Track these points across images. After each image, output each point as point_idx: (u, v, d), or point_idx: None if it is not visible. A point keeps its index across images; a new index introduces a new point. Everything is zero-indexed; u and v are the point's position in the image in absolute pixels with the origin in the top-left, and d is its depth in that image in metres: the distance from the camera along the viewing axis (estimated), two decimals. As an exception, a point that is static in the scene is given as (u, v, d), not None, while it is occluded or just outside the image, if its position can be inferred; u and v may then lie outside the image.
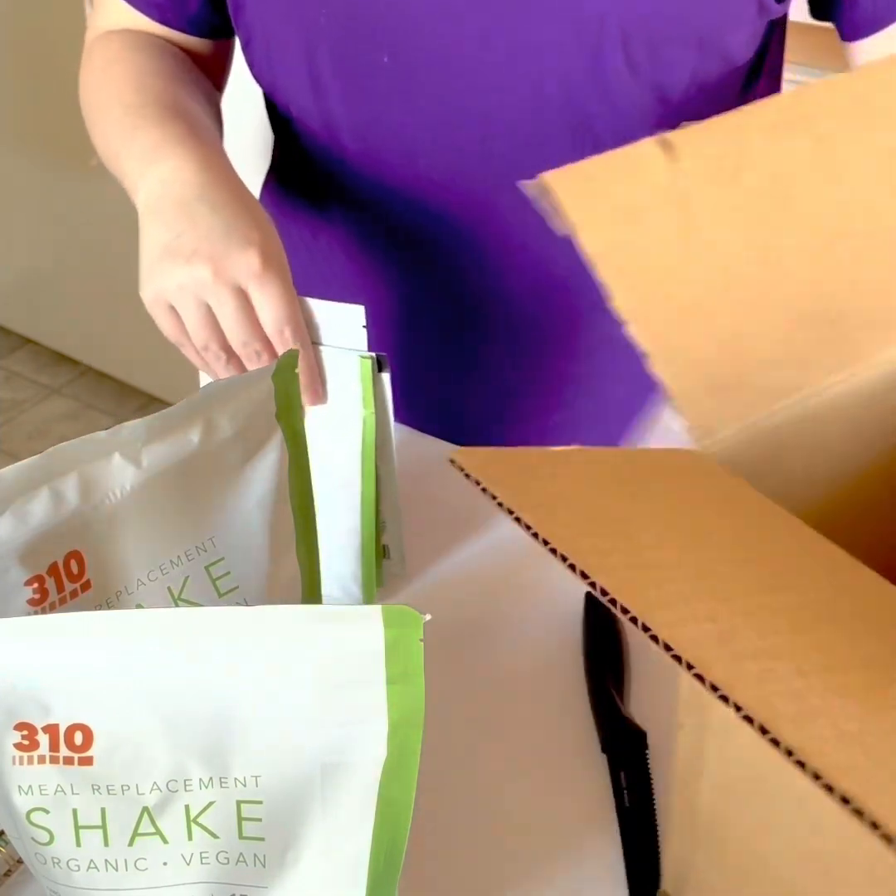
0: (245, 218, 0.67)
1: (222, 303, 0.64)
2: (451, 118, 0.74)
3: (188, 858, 0.47)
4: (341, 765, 0.45)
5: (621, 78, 0.72)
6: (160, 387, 2.29)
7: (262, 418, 0.58)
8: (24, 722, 0.44)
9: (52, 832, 0.46)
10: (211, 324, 0.66)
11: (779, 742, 0.31)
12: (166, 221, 0.67)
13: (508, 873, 0.59)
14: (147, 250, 0.67)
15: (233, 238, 0.66)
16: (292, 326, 0.65)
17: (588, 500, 0.40)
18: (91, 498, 0.52)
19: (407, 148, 0.76)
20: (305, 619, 0.44)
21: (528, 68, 0.71)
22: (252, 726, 0.44)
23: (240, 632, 0.44)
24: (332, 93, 0.76)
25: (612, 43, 0.70)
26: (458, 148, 0.75)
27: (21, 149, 2.19)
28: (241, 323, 0.65)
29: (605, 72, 0.71)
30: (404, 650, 0.43)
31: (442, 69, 0.72)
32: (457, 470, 0.39)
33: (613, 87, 0.72)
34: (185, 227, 0.66)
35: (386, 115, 0.75)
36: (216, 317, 0.65)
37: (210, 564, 0.58)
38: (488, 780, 0.63)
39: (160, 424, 0.54)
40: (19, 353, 2.48)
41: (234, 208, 0.67)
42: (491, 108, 0.73)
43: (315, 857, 0.47)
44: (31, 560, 0.51)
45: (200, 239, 0.65)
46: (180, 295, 0.65)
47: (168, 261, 0.66)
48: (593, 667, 0.68)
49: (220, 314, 0.65)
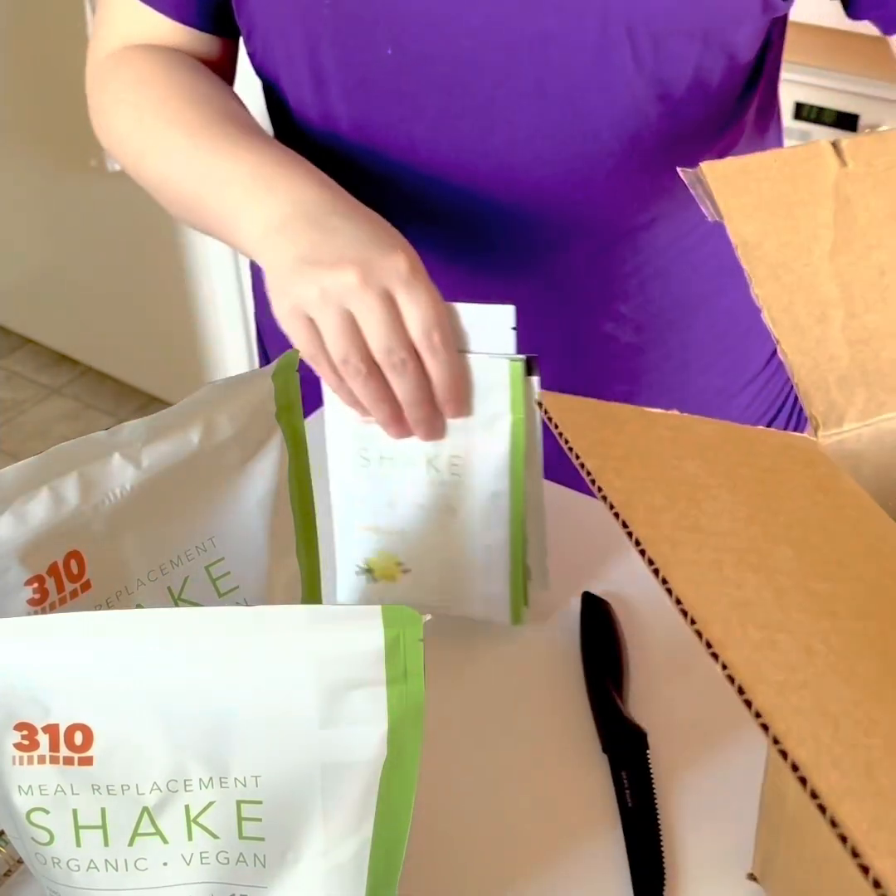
0: (383, 226, 0.66)
1: (369, 308, 0.63)
2: (452, 110, 0.74)
3: (188, 858, 0.47)
4: (341, 765, 0.45)
5: (625, 72, 0.72)
6: (160, 387, 2.29)
7: (262, 418, 0.58)
8: (24, 722, 0.44)
9: (52, 832, 0.46)
10: (352, 333, 0.64)
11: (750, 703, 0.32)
12: (299, 237, 0.66)
13: (509, 873, 0.59)
14: (277, 265, 0.66)
15: (377, 244, 0.65)
16: (441, 331, 0.63)
17: (662, 461, 0.41)
18: (91, 498, 0.52)
19: (407, 140, 0.76)
20: (305, 619, 0.44)
21: (530, 61, 0.71)
22: (252, 726, 0.44)
23: (240, 632, 0.44)
24: (332, 85, 0.76)
25: (617, 36, 0.70)
26: (459, 140, 0.75)
27: (21, 149, 2.19)
28: (388, 327, 0.63)
29: (608, 66, 0.71)
30: (404, 650, 0.43)
31: (445, 61, 0.72)
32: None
33: (616, 81, 0.72)
34: (322, 239, 0.65)
35: (387, 108, 0.75)
36: (358, 326, 0.64)
37: (210, 564, 0.58)
38: (489, 779, 0.63)
39: (160, 424, 0.54)
40: (19, 353, 2.48)
41: (369, 219, 0.67)
42: (493, 101, 0.73)
43: (315, 857, 0.47)
44: (31, 560, 0.51)
45: (344, 247, 0.64)
46: (322, 303, 0.64)
47: (309, 269, 0.64)
48: (592, 667, 0.68)
49: (364, 320, 0.63)
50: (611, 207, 0.78)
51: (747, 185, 0.49)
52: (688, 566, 0.36)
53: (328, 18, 0.72)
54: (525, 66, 0.72)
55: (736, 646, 0.34)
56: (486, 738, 0.66)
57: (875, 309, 0.49)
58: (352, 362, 0.63)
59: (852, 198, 0.49)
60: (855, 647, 0.35)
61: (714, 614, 0.35)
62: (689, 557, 0.37)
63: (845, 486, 0.44)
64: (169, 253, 2.01)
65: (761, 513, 0.40)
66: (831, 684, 0.33)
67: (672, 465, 0.41)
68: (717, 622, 0.34)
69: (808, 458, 0.45)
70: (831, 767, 0.31)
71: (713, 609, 0.35)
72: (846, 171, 0.49)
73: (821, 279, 0.49)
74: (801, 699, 0.32)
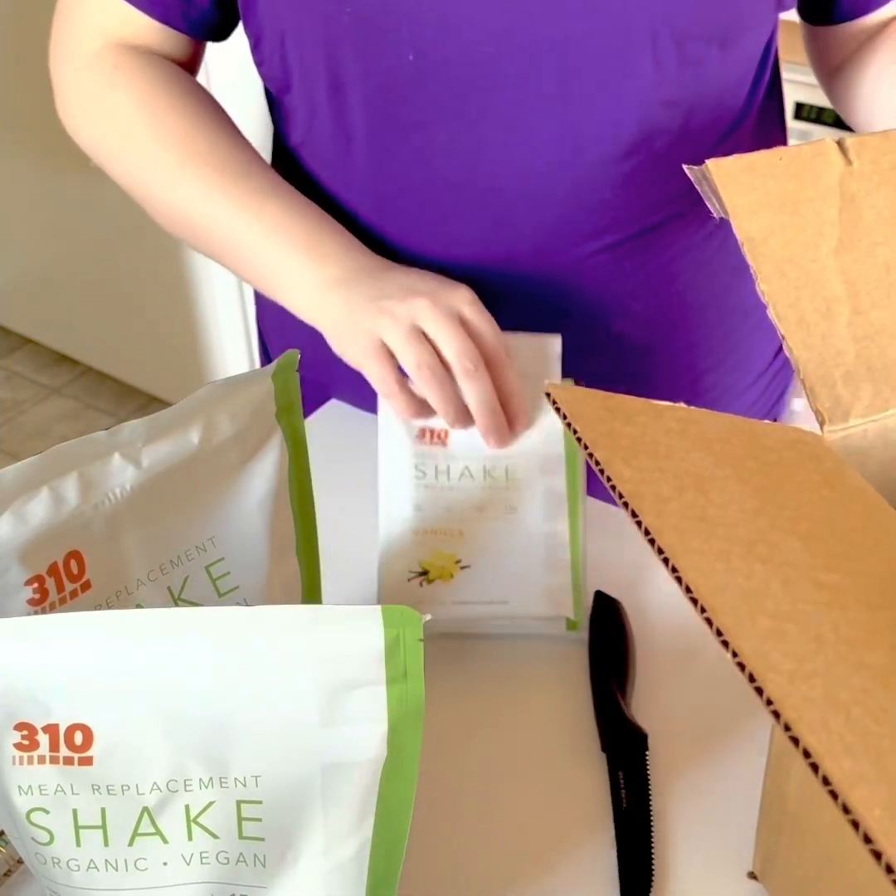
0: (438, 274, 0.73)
1: (440, 324, 0.68)
2: (472, 115, 0.74)
3: (188, 858, 0.47)
4: (341, 765, 0.45)
5: (646, 76, 0.72)
6: (160, 387, 2.29)
7: (262, 418, 0.58)
8: (24, 722, 0.44)
9: (52, 832, 0.46)
10: (425, 342, 0.68)
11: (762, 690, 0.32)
12: (362, 285, 0.71)
13: (509, 872, 0.59)
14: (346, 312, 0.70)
15: (440, 281, 0.71)
16: (507, 350, 0.69)
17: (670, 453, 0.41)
18: (91, 498, 0.52)
19: (423, 146, 0.76)
20: (305, 619, 0.44)
21: (552, 65, 0.71)
22: (252, 726, 0.44)
23: (240, 632, 0.44)
24: (351, 92, 0.75)
25: (639, 40, 0.70)
26: (478, 145, 0.75)
27: (21, 149, 2.19)
28: (461, 337, 0.68)
29: (629, 70, 0.71)
30: (404, 650, 0.43)
31: (465, 66, 0.72)
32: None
33: (636, 84, 0.72)
34: (385, 284, 0.71)
35: (405, 114, 0.75)
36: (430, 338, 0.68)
37: (210, 564, 0.58)
38: (489, 778, 0.63)
39: (160, 424, 0.54)
40: (19, 353, 2.48)
41: (422, 270, 0.73)
42: (513, 105, 0.73)
43: (315, 857, 0.47)
44: (31, 560, 0.51)
45: (411, 284, 0.70)
46: (395, 325, 0.68)
47: (377, 306, 0.69)
48: (598, 666, 0.68)
49: (436, 332, 0.68)
50: (625, 209, 0.78)
51: (753, 183, 0.49)
52: (696, 555, 0.36)
53: (349, 25, 0.72)
54: (546, 70, 0.71)
55: (746, 635, 0.34)
56: (487, 735, 0.66)
57: (881, 305, 0.49)
58: (426, 365, 0.68)
59: (857, 195, 0.50)
60: (864, 637, 0.35)
61: (723, 603, 0.35)
62: (698, 547, 0.37)
63: (851, 480, 0.44)
64: (169, 253, 2.01)
65: (768, 505, 0.40)
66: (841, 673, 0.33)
67: (680, 457, 0.41)
68: (727, 611, 0.34)
69: (815, 452, 0.45)
70: (843, 754, 0.31)
71: (722, 598, 0.35)
72: (851, 169, 0.50)
73: (826, 275, 0.49)
74: (812, 688, 0.32)
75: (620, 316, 0.83)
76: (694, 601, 0.35)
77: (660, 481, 0.39)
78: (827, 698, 0.32)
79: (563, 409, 0.42)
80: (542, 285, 0.81)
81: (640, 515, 0.38)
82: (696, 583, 0.35)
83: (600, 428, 0.41)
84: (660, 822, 0.61)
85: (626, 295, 0.82)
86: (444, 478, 0.72)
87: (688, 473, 0.40)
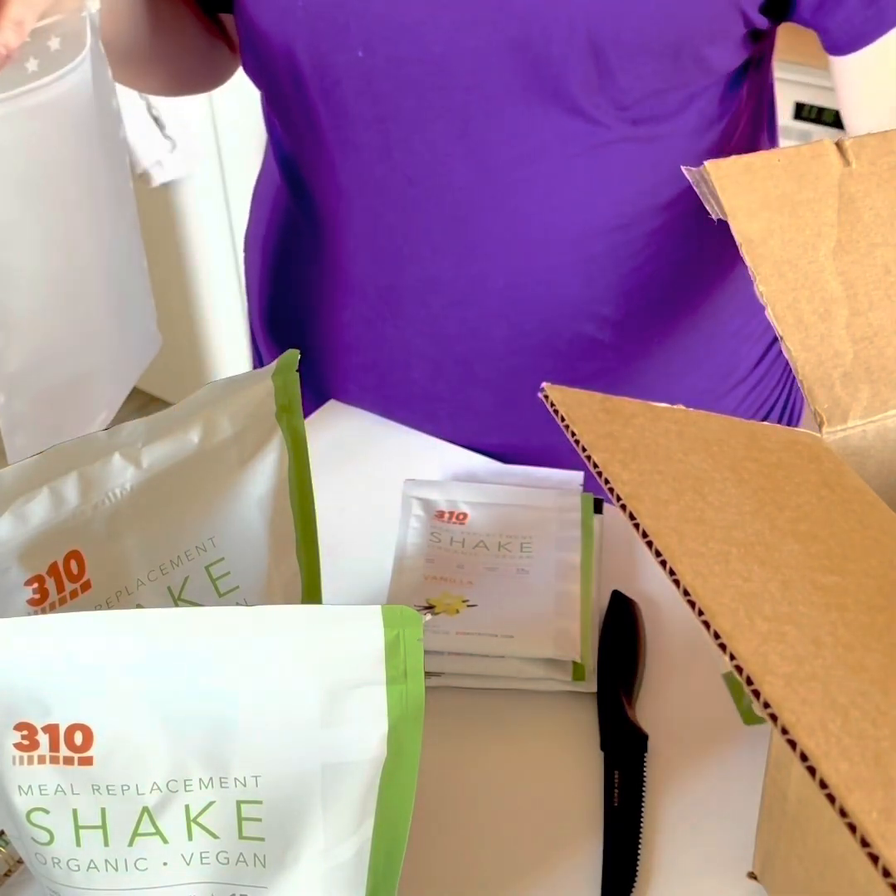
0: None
1: None
2: (428, 112, 0.74)
3: (188, 858, 0.47)
4: (341, 765, 0.45)
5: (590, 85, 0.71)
6: (160, 387, 2.29)
7: (262, 418, 0.58)
8: (24, 722, 0.44)
9: (52, 832, 0.46)
10: None
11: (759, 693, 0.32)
12: None
13: (509, 871, 0.59)
14: None
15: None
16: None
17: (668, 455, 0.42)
18: (91, 498, 0.52)
19: (382, 142, 0.77)
20: (305, 619, 0.44)
21: (500, 67, 0.71)
22: (252, 726, 0.44)
23: (240, 632, 0.44)
24: (310, 86, 0.76)
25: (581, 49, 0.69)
26: (435, 141, 0.76)
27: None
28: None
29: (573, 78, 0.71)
30: (404, 650, 0.43)
31: (416, 64, 0.72)
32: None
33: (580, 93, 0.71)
34: None
35: (364, 108, 0.76)
36: None
37: (210, 564, 0.58)
38: (489, 776, 0.63)
39: (160, 424, 0.54)
40: (19, 353, 2.47)
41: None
42: (466, 104, 0.73)
43: (315, 857, 0.47)
44: (31, 560, 0.51)
45: None
46: None
47: None
48: (606, 665, 0.68)
49: None
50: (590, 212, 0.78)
51: (751, 184, 0.49)
52: (695, 558, 0.36)
53: (301, 20, 0.73)
54: (495, 71, 0.72)
55: (744, 637, 0.34)
56: (487, 733, 0.66)
57: (879, 306, 0.49)
58: None
59: (856, 197, 0.50)
60: (863, 639, 0.35)
61: (721, 606, 0.35)
62: (696, 549, 0.37)
63: (850, 481, 0.44)
64: (169, 253, 2.01)
65: (767, 507, 0.40)
66: (839, 676, 0.33)
67: (678, 459, 0.41)
68: (725, 614, 0.34)
69: (814, 453, 0.45)
70: (840, 757, 0.31)
71: (720, 601, 0.35)
72: (850, 170, 0.50)
73: (825, 276, 0.49)
74: (810, 691, 0.32)
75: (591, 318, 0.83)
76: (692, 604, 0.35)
77: (658, 483, 0.39)
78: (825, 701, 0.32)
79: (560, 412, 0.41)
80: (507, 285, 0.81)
81: (638, 517, 0.38)
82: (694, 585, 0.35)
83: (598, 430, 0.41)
84: (659, 822, 0.61)
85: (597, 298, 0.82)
86: (458, 545, 0.75)
87: (686, 475, 0.40)
